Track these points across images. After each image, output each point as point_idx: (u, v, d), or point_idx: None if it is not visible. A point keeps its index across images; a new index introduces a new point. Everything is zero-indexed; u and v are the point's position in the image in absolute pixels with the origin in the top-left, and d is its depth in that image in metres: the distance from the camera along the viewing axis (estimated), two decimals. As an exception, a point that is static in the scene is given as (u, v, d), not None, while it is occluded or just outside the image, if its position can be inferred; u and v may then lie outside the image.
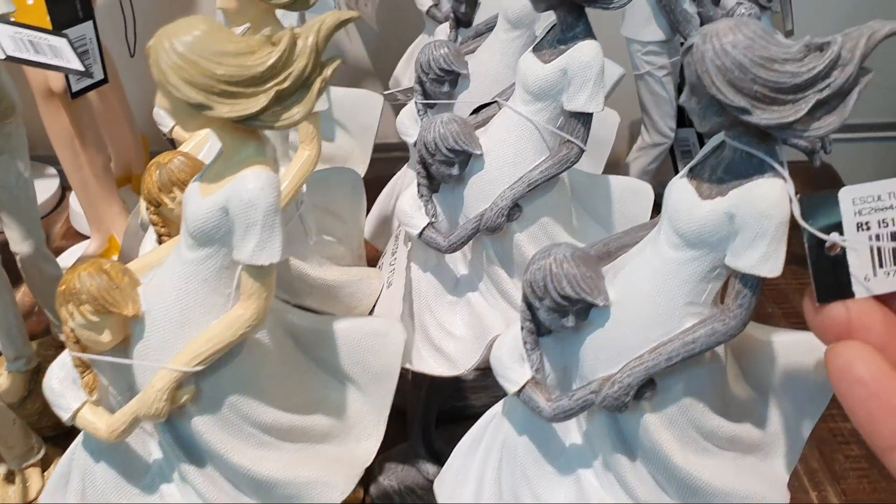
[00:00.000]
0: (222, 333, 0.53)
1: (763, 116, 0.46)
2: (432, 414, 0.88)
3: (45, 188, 1.38)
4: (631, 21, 1.06)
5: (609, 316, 0.55)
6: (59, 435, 0.96)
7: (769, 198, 0.48)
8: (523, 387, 0.57)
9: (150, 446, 0.60)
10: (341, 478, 0.59)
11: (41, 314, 1.13)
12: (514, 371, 0.58)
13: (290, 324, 0.60)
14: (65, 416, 0.56)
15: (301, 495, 0.58)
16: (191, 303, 0.54)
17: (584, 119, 0.68)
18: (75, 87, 0.96)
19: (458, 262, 0.76)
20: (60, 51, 0.77)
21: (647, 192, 0.79)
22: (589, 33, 0.67)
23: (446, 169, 0.70)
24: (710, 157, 0.53)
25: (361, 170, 0.95)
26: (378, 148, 0.99)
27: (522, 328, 0.57)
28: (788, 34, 1.18)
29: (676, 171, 1.26)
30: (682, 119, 1.13)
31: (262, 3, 0.67)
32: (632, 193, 0.78)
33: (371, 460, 0.63)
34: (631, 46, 1.08)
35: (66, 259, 1.18)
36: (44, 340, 1.07)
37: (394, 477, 0.89)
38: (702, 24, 1.08)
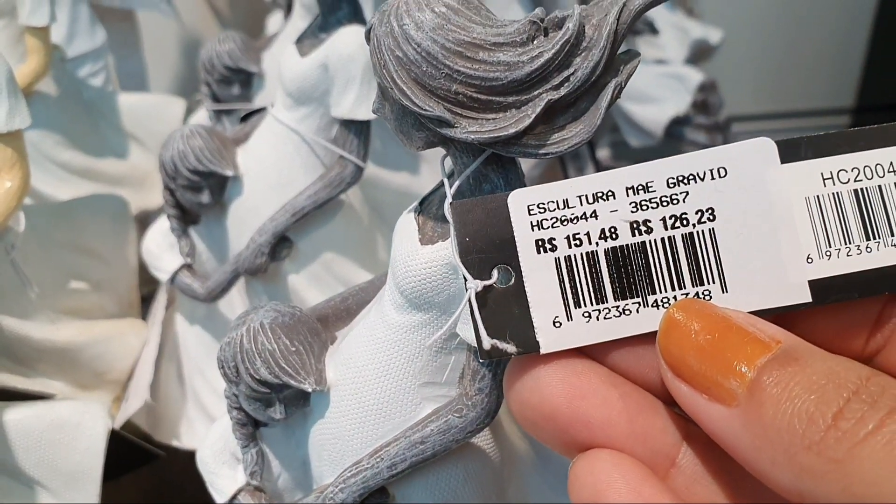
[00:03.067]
0: None
1: (471, 129, 0.31)
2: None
3: None
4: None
5: (328, 404, 0.40)
6: None
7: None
8: (234, 497, 0.43)
9: None
10: None
11: None
12: (222, 476, 0.43)
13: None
14: None
15: None
16: None
17: (357, 129, 0.54)
18: None
19: (237, 309, 0.61)
20: None
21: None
22: (355, 16, 0.53)
23: (193, 196, 0.56)
24: (443, 186, 0.38)
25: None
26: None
27: (231, 419, 0.43)
28: (690, 12, 1.03)
29: (566, 177, 1.12)
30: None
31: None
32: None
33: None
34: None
35: None
36: None
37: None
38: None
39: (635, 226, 0.28)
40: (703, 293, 0.28)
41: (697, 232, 0.28)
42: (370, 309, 0.41)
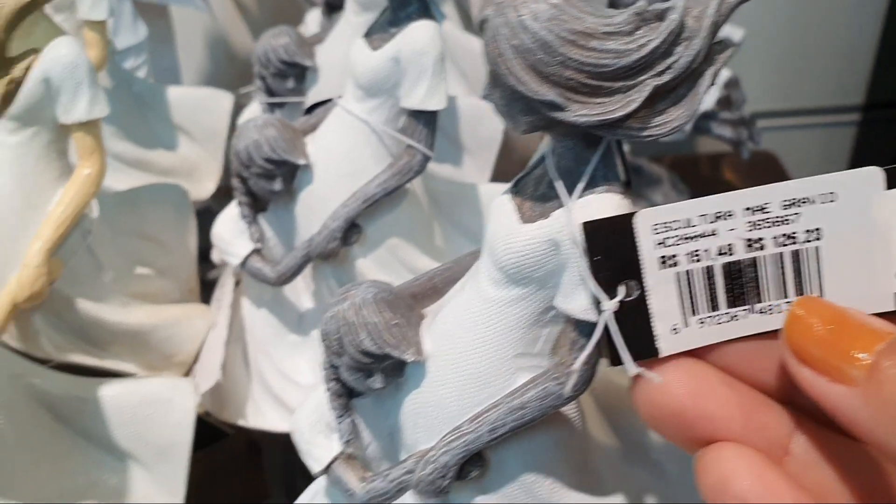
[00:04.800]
0: (77, 196, 0.54)
1: (581, 113, 0.34)
2: (296, 466, 0.76)
3: None
4: None
5: (425, 374, 0.43)
6: None
7: (600, 225, 0.36)
8: (330, 464, 0.45)
9: None
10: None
11: None
12: (318, 446, 0.46)
13: (41, 391, 0.48)
14: None
15: None
16: (29, 186, 0.54)
17: (427, 119, 0.56)
18: None
19: (301, 293, 0.64)
20: None
21: (526, 199, 0.66)
22: (425, 12, 0.55)
23: (266, 184, 0.58)
24: (538, 167, 0.40)
25: (213, 182, 0.82)
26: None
27: (327, 390, 0.45)
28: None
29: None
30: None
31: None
32: (506, 202, 0.66)
33: (162, 555, 0.50)
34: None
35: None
36: None
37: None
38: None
39: (750, 243, 0.31)
40: None
41: (804, 249, 0.31)
42: (464, 285, 0.43)
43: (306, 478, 0.76)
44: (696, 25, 0.34)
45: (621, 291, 0.32)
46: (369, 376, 0.43)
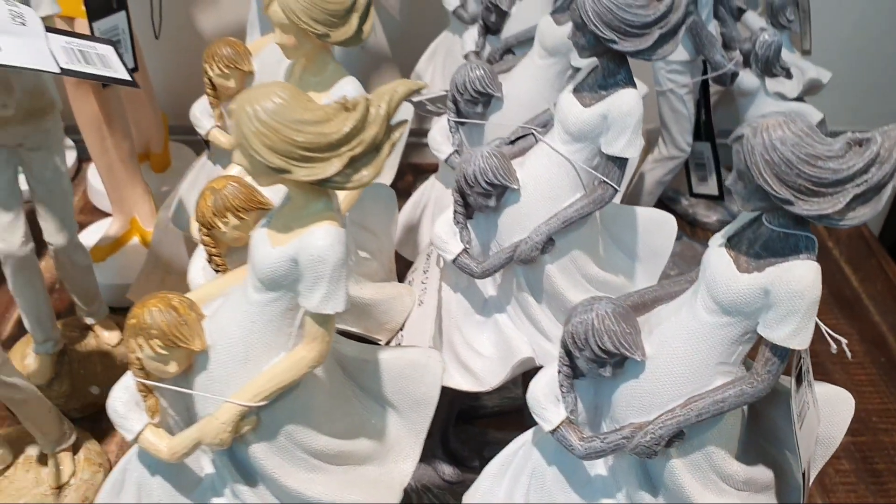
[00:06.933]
0: (286, 373, 0.57)
1: (804, 207, 0.50)
2: (452, 417, 0.93)
3: (62, 160, 1.39)
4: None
5: (644, 369, 0.59)
6: (85, 417, 1.00)
7: (804, 280, 0.52)
8: (558, 426, 0.61)
9: (202, 461, 0.64)
10: (383, 500, 0.63)
11: (62, 291, 1.16)
12: (549, 411, 0.62)
13: (339, 353, 0.64)
14: (129, 436, 0.60)
15: (346, 517, 0.62)
16: (255, 341, 0.57)
17: (621, 162, 0.72)
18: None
19: (488, 284, 0.80)
20: (108, 60, 0.78)
21: (671, 223, 0.82)
22: (630, 81, 0.70)
23: (484, 200, 0.74)
24: (748, 230, 0.56)
25: (389, 178, 0.97)
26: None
27: (560, 372, 0.61)
28: (805, 53, 1.20)
29: (689, 182, 1.30)
30: (698, 133, 1.16)
31: (318, 40, 0.69)
32: (655, 225, 0.82)
33: (407, 481, 0.67)
34: (655, 63, 1.10)
35: (86, 237, 1.20)
36: (68, 321, 1.09)
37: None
38: (724, 44, 1.10)
39: None
40: None
41: None
42: (679, 308, 0.59)
43: (456, 432, 0.93)
44: (887, 155, 0.50)
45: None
46: (602, 366, 0.59)
